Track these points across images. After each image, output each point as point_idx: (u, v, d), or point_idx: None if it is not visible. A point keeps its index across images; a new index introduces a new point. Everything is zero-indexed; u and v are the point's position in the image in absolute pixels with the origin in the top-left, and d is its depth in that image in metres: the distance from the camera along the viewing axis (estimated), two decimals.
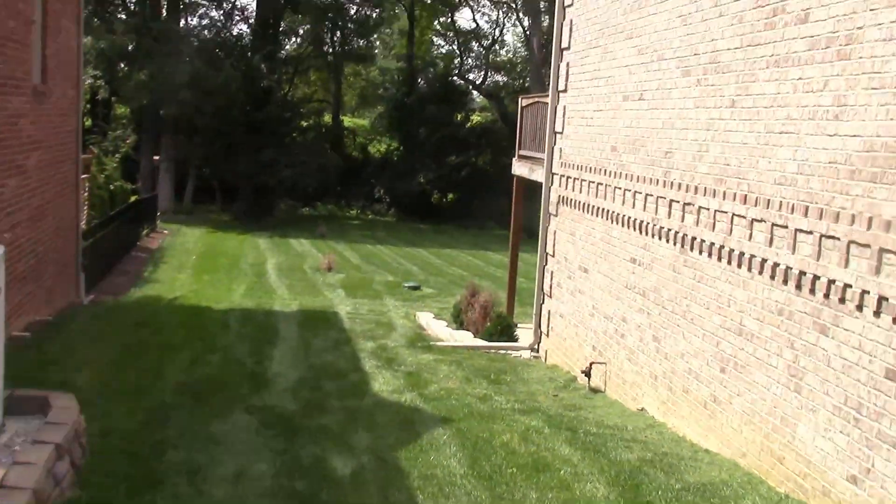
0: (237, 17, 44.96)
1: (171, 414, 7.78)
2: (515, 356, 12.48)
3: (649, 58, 8.97)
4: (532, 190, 17.37)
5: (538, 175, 14.21)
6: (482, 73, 55.73)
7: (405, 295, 19.27)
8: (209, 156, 40.58)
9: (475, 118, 54.17)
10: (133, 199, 27.66)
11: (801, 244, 6.08)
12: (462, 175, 49.66)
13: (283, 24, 46.17)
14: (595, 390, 9.90)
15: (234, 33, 44.73)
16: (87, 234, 17.32)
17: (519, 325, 14.47)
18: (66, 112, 14.10)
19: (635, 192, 9.15)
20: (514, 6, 50.40)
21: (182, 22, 42.27)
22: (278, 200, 45.59)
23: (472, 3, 54.24)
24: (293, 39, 48.46)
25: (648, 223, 8.77)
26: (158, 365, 10.13)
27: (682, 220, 8.00)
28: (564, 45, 11.92)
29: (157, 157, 37.74)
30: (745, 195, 6.87)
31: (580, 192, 10.97)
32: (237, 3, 45.08)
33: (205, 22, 43.91)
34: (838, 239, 5.67)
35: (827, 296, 5.78)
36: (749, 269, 6.79)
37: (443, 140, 50.20)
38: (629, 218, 9.30)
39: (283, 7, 43.82)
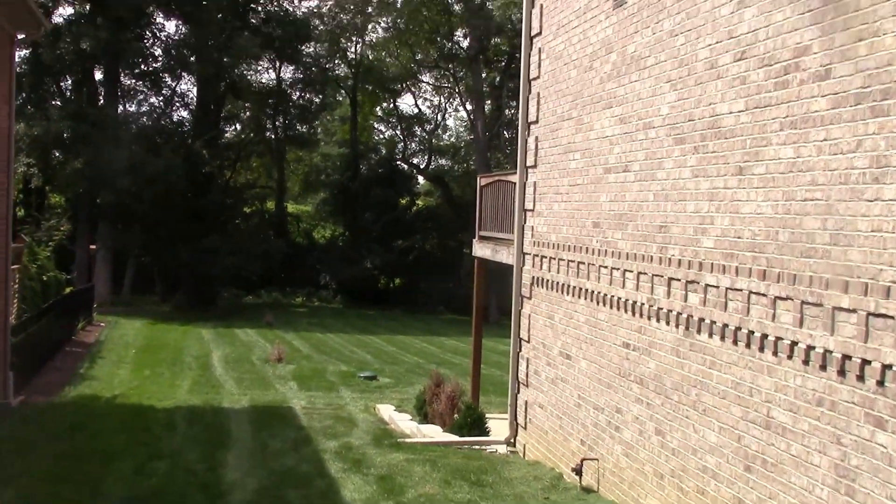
0: (177, 103, 44.17)
1: None
2: (491, 452, 11.53)
3: (633, 127, 8.40)
4: (492, 272, 16.69)
5: (503, 256, 13.53)
6: (426, 157, 55.66)
7: (362, 386, 18.23)
8: (149, 244, 39.29)
9: (421, 202, 53.89)
10: (68, 290, 26.25)
11: (842, 324, 5.39)
12: (409, 259, 49.07)
13: (224, 110, 45.54)
14: (588, 490, 9.00)
15: (175, 119, 43.88)
16: (17, 329, 16.01)
17: (488, 416, 13.53)
18: None
19: (625, 270, 8.46)
20: (456, 90, 50.66)
21: (120, 108, 41.33)
22: (221, 289, 44.23)
23: (413, 90, 54.45)
24: (235, 125, 47.73)
25: (643, 304, 8.06)
26: (98, 477, 8.99)
27: (685, 300, 7.30)
28: (532, 118, 11.38)
29: (93, 247, 36.30)
30: (764, 270, 6.20)
31: (558, 272, 10.26)
32: (177, 88, 44.23)
33: (144, 108, 43.03)
34: (892, 318, 4.98)
35: (881, 384, 5.06)
36: (775, 354, 6.07)
37: (389, 224, 49.69)
38: (619, 299, 8.58)
39: (223, 93, 43.24)
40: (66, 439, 11.15)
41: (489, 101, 48.90)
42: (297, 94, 47.21)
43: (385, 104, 55.93)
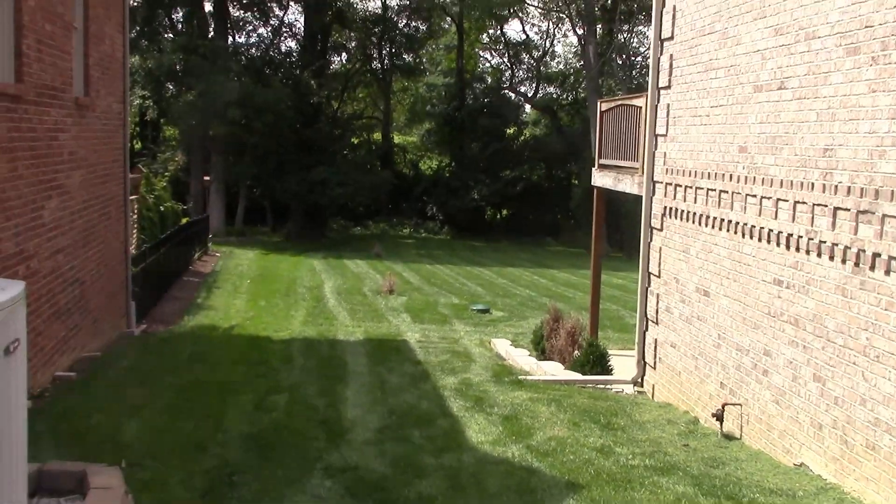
0: (285, 33, 44.11)
1: (236, 479, 6.45)
2: (617, 392, 10.97)
3: (793, 38, 7.48)
4: (610, 202, 15.95)
5: (626, 185, 12.76)
6: (533, 85, 54.26)
7: (475, 319, 17.86)
8: (260, 175, 39.72)
9: (528, 132, 52.71)
10: (184, 221, 26.71)
11: None
12: (517, 190, 48.28)
13: (330, 40, 45.25)
14: (729, 436, 8.36)
15: (283, 50, 43.87)
16: (136, 259, 16.23)
17: (609, 353, 12.94)
18: (112, 127, 13.00)
19: (778, 199, 7.64)
20: (566, 14, 48.74)
21: (229, 39, 41.48)
22: (330, 220, 44.62)
23: (521, 15, 52.79)
24: (342, 55, 47.41)
25: (801, 237, 7.25)
26: (218, 410, 8.84)
27: (856, 233, 6.48)
28: (666, 34, 10.47)
29: (207, 178, 36.92)
30: None
31: (694, 202, 9.48)
32: (285, 19, 44.14)
33: (252, 39, 43.14)
34: None
35: None
36: None
37: (496, 154, 48.92)
38: (770, 231, 7.79)
39: (330, 22, 42.92)
40: (187, 370, 11.12)
41: (600, 25, 47.02)
42: (404, 21, 46.46)
43: (492, 31, 54.55)
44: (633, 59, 48.41)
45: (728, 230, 8.64)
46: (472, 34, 53.14)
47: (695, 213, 9.45)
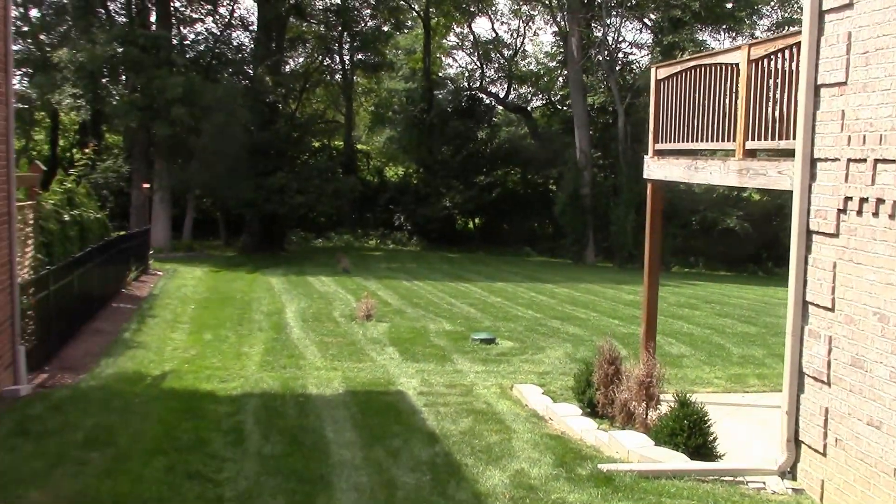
0: (235, 24, 39.51)
1: None
2: (757, 488, 6.95)
3: None
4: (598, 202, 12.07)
5: (714, 174, 8.95)
6: (505, 86, 50.30)
7: (479, 353, 13.79)
8: (210, 183, 35.05)
9: (502, 134, 48.75)
10: (116, 235, 22.26)
11: None
12: (492, 196, 44.36)
13: (287, 35, 40.74)
14: None
15: (234, 44, 39.35)
16: (34, 285, 11.94)
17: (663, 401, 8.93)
18: None
19: None
20: (547, 4, 44.52)
21: (174, 32, 36.85)
22: (289, 232, 40.21)
23: (490, 13, 48.76)
24: (299, 50, 42.89)
25: None
26: None
27: None
28: None
29: (146, 185, 32.30)
30: None
31: None
32: (235, 11, 39.63)
33: (199, 29, 38.59)
34: None
35: None
36: None
37: (468, 159, 45.08)
38: None
39: (286, 14, 38.41)
40: (72, 471, 6.93)
41: (585, 9, 42.96)
42: (368, 11, 42.27)
43: (459, 28, 50.45)
44: (614, 55, 44.61)
45: None
46: (440, 31, 49.02)
47: None
